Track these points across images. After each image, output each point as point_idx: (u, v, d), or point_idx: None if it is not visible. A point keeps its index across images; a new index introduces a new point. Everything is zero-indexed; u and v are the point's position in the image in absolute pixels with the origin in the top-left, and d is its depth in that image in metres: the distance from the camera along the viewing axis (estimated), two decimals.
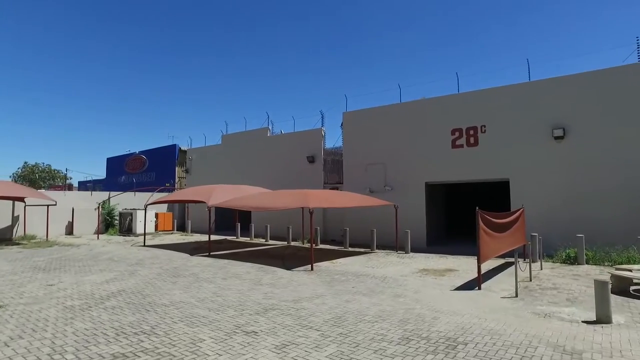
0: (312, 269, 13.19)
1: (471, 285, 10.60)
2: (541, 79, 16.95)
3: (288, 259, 15.74)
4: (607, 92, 15.44)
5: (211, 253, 16.95)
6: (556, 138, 16.13)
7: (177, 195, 20.02)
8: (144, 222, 25.55)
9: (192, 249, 18.79)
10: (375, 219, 20.40)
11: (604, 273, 11.74)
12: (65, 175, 59.80)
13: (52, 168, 62.29)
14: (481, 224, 10.50)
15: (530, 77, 17.41)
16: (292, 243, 21.56)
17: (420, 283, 10.95)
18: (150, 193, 28.97)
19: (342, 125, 23.00)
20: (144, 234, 22.74)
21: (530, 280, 10.96)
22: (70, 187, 50.79)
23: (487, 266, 13.24)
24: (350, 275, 12.15)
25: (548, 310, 8.09)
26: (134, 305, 8.63)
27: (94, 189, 32.85)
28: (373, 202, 18.02)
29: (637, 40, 15.55)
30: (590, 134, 15.61)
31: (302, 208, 21.07)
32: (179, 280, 11.52)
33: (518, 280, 9.72)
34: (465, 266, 13.62)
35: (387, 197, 19.65)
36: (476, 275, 11.64)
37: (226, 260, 15.27)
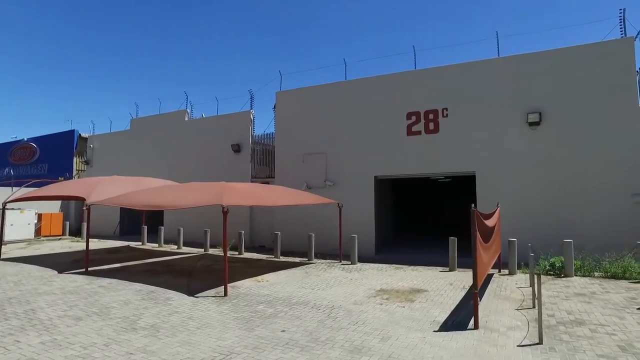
0: (225, 294, 9.16)
1: (461, 319, 7.23)
2: (513, 55, 14.33)
3: (196, 276, 11.52)
4: (591, 70, 13.10)
5: (89, 269, 12.17)
6: (531, 124, 13.54)
7: (46, 190, 14.85)
8: (20, 225, 19.76)
9: (69, 263, 13.79)
10: (314, 221, 16.76)
11: (610, 290, 9.03)
12: None
13: None
14: (478, 232, 7.21)
15: (500, 53, 14.76)
16: (211, 251, 17.23)
17: (384, 318, 7.38)
18: (17, 187, 22.54)
19: (274, 107, 19.09)
20: (20, 241, 17.08)
21: (534, 307, 7.85)
22: None
23: (457, 282, 10.08)
24: (281, 305, 8.31)
25: None
26: None
27: None
28: (312, 200, 14.36)
29: (620, 13, 13.41)
30: (572, 120, 13.18)
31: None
32: None
33: (514, 306, 6.54)
34: (433, 283, 10.37)
35: (329, 194, 16.07)
36: (454, 298, 8.35)
37: (106, 281, 10.70)
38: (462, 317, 7.32)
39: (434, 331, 6.55)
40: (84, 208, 12.43)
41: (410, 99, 15.64)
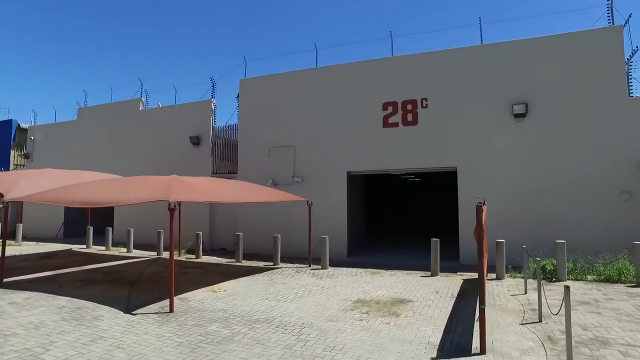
0: (171, 310, 7.48)
1: (460, 340, 5.91)
2: (497, 42, 13.34)
3: (141, 286, 9.74)
4: (579, 60, 12.26)
5: (4, 281, 9.97)
6: (516, 116, 12.57)
7: None
8: None
9: None
10: (280, 221, 15.24)
11: (613, 297, 8.04)
12: None
13: None
14: (485, 231, 5.94)
15: (483, 40, 13.75)
16: (165, 254, 15.34)
17: (367, 340, 5.97)
18: None
19: (238, 96, 17.40)
20: None
21: (540, 321, 6.67)
22: None
23: (443, 290, 8.84)
24: (239, 324, 6.74)
25: None
26: None
27: None
28: (278, 197, 12.84)
29: (607, 0, 12.65)
30: (559, 112, 12.30)
31: (179, 203, 15.03)
32: None
33: (515, 319, 5.33)
34: (417, 291, 9.08)
35: (297, 191, 14.57)
36: (444, 310, 7.07)
37: (23, 295, 8.74)
38: (460, 336, 6.02)
39: (432, 359, 5.19)
40: (1, 205, 10.35)
41: (386, 88, 14.39)
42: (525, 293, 8.67)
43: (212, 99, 18.33)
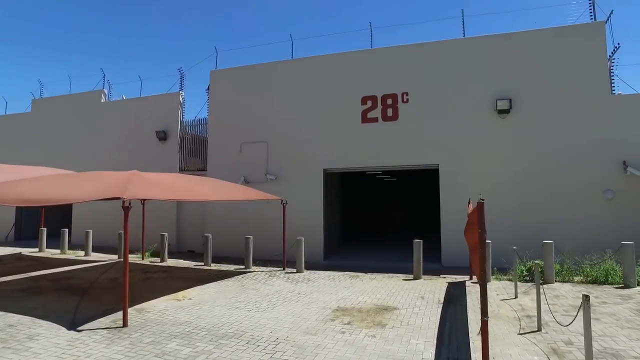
0: (124, 324, 6.49)
1: (457, 356, 5.22)
2: (480, 36, 12.88)
3: (93, 295, 8.65)
4: (562, 56, 11.93)
5: None
6: (500, 112, 12.13)
7: None
8: None
9: None
10: (253, 221, 14.33)
11: (606, 300, 7.59)
12: None
13: None
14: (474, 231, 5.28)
15: (466, 33, 13.28)
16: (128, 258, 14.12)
17: (352, 357, 5.19)
18: None
19: (208, 89, 16.35)
20: None
21: (539, 330, 6.08)
22: None
23: (428, 295, 8.19)
24: (204, 340, 5.85)
25: None
26: None
27: None
28: (251, 195, 11.95)
29: None
30: (543, 109, 11.92)
31: (142, 202, 13.91)
32: None
33: (512, 328, 4.71)
34: (401, 297, 8.39)
35: (271, 189, 13.67)
36: (433, 318, 6.41)
37: None
38: (456, 351, 5.35)
39: None
40: None
41: (365, 82, 13.71)
42: (516, 297, 8.12)
43: (181, 92, 17.18)
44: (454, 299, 8.13)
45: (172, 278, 10.50)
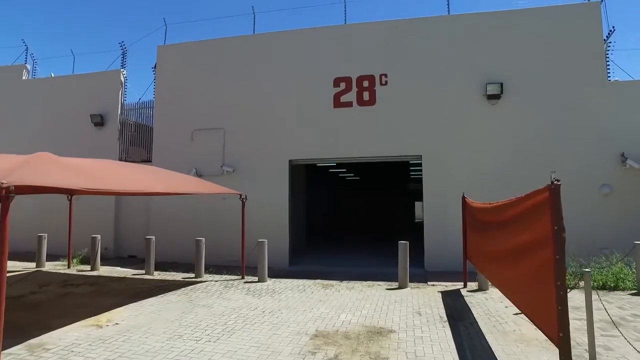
0: None
1: None
2: (469, 13, 11.56)
3: None
4: (556, 38, 10.80)
5: None
6: (490, 97, 10.82)
7: None
8: None
9: None
10: (206, 221, 12.29)
11: (629, 308, 6.34)
12: None
13: None
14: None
15: (451, 10, 11.88)
16: (48, 266, 11.63)
17: None
18: None
19: (155, 67, 14.05)
20: None
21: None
22: None
23: (425, 309, 6.59)
24: None
25: None
26: None
27: None
28: (204, 189, 9.93)
29: None
30: (536, 95, 10.73)
31: (69, 197, 11.43)
32: None
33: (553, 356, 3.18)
34: (392, 312, 6.73)
35: (228, 182, 11.64)
36: (445, 346, 4.79)
37: None
38: None
39: None
40: None
41: (339, 61, 12.03)
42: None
43: (122, 70, 14.70)
44: (459, 315, 6.57)
45: (99, 293, 8.27)
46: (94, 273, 10.57)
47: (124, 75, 14.74)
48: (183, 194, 10.27)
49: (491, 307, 7.02)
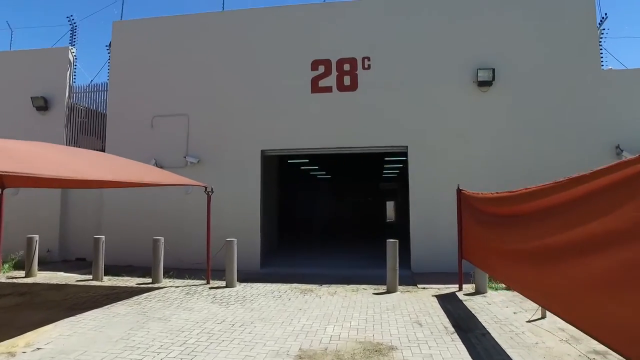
0: None
1: None
2: None
3: None
4: (548, 22, 10.12)
5: None
6: (481, 84, 10.00)
7: None
8: None
9: None
10: (167, 217, 10.88)
11: None
12: None
13: None
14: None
15: None
16: None
17: None
18: None
19: (109, 45, 12.47)
20: None
21: None
22: None
23: (424, 318, 5.58)
24: None
25: None
26: None
27: None
28: (165, 179, 8.57)
29: None
30: (529, 83, 10.00)
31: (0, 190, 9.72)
32: None
33: None
34: (388, 323, 5.68)
35: (192, 175, 10.22)
36: (455, 357, 3.75)
37: None
38: None
39: None
40: None
41: (317, 43, 10.92)
42: (544, 317, 5.78)
43: (71, 47, 12.99)
44: (466, 325, 5.59)
45: (27, 305, 6.77)
46: (29, 280, 8.97)
47: (73, 54, 13.03)
48: (139, 185, 8.82)
49: (498, 314, 6.10)
